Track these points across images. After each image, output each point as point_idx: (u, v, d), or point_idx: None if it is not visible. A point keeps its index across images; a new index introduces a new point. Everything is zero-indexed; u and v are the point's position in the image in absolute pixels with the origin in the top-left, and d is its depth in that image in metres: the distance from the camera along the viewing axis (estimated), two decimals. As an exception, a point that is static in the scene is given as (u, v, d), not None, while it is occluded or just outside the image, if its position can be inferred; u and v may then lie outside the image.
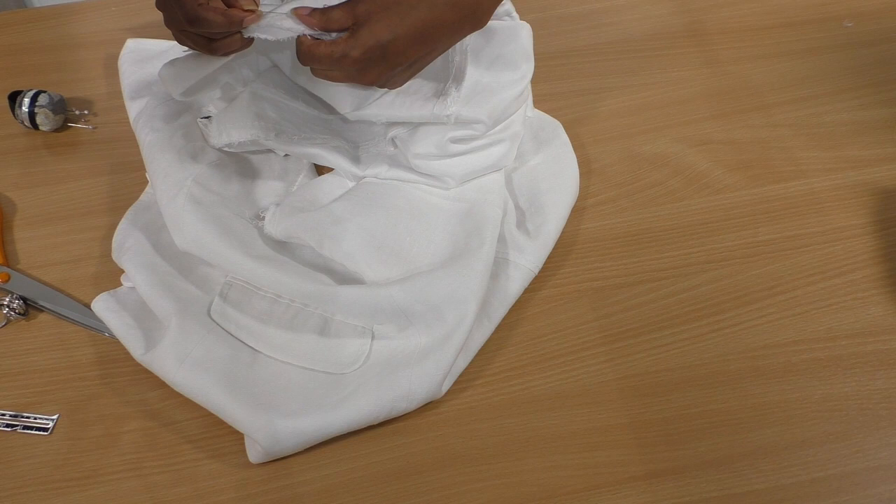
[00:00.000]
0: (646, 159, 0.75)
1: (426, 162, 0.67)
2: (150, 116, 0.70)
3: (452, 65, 0.65)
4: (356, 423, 0.58)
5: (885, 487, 0.56)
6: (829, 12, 0.87)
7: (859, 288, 0.66)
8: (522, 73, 0.68)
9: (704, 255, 0.68)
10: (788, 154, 0.75)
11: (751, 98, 0.79)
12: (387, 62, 0.56)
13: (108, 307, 0.63)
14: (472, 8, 0.57)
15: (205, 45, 0.57)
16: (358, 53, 0.55)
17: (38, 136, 0.78)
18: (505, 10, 0.66)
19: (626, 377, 0.61)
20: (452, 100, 0.64)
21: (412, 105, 0.65)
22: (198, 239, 0.63)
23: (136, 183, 0.73)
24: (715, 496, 0.56)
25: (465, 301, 0.61)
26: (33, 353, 0.64)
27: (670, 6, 0.88)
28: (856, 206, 0.71)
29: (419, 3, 0.55)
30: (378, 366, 0.60)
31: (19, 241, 0.71)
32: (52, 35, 0.87)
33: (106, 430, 0.60)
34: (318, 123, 0.70)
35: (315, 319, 0.62)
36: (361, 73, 0.57)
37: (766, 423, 0.59)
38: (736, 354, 0.62)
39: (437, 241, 0.65)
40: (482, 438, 0.59)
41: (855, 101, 0.79)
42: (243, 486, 0.57)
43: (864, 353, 0.62)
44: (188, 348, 0.59)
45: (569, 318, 0.65)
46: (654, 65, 0.83)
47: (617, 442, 0.58)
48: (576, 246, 0.69)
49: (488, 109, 0.65)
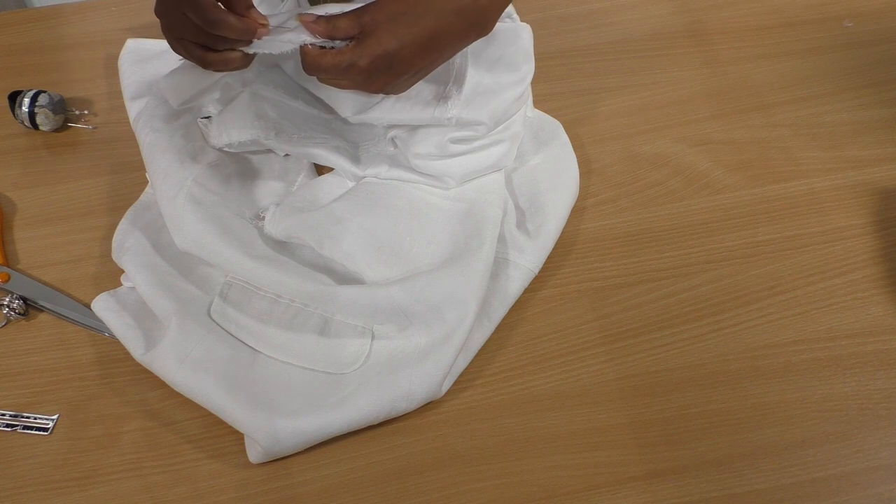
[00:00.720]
0: (646, 159, 0.75)
1: (426, 162, 0.67)
2: (150, 116, 0.70)
3: (453, 67, 0.65)
4: (356, 423, 0.58)
5: (885, 487, 0.56)
6: (829, 12, 0.87)
7: (859, 288, 0.66)
8: (523, 74, 0.68)
9: (704, 255, 0.68)
10: (788, 154, 0.75)
11: (751, 98, 0.79)
12: (393, 70, 0.56)
13: (108, 307, 0.63)
14: (477, 16, 0.57)
15: (200, 58, 0.57)
16: (365, 63, 0.55)
17: (38, 136, 0.78)
18: (506, 11, 0.66)
19: (626, 377, 0.61)
20: (453, 103, 0.64)
21: (413, 109, 0.65)
22: (198, 239, 0.63)
23: (136, 183, 0.73)
24: (715, 496, 0.56)
25: (465, 301, 0.61)
26: (33, 353, 0.64)
27: (670, 6, 0.88)
28: (856, 206, 0.71)
29: (425, 12, 0.55)
30: (378, 366, 0.60)
31: (19, 241, 0.71)
32: (52, 35, 0.87)
33: (106, 430, 0.60)
34: (319, 123, 0.70)
35: (315, 319, 0.62)
36: (368, 81, 0.57)
37: (766, 423, 0.59)
38: (736, 354, 0.62)
39: (437, 241, 0.65)
40: (482, 438, 0.59)
41: (855, 101, 0.79)
42: (243, 486, 0.57)
43: (864, 353, 0.62)
44: (188, 348, 0.59)
45: (569, 318, 0.65)
46: (654, 65, 0.83)
47: (617, 442, 0.58)
48: (576, 246, 0.69)
49: (489, 111, 0.65)
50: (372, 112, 0.65)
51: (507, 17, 0.67)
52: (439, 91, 0.65)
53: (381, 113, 0.65)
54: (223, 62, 0.57)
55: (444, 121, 0.64)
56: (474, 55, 0.65)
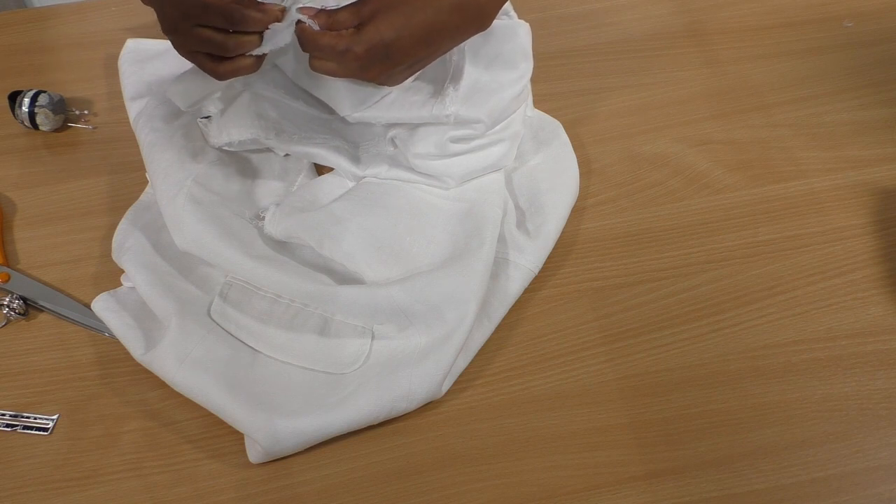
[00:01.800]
0: (646, 159, 0.75)
1: (426, 162, 0.67)
2: (150, 116, 0.70)
3: (450, 64, 0.65)
4: (356, 423, 0.58)
5: (885, 487, 0.56)
6: (829, 12, 0.87)
7: (859, 288, 0.66)
8: (521, 72, 0.68)
9: (704, 255, 0.68)
10: (788, 154, 0.75)
11: (751, 98, 0.79)
12: (389, 60, 0.56)
13: (108, 307, 0.63)
14: (476, 11, 0.58)
15: (212, 70, 0.57)
16: (361, 50, 0.55)
17: (38, 136, 0.78)
18: (503, 9, 0.66)
19: (626, 377, 0.61)
20: (451, 100, 0.64)
21: (412, 106, 0.65)
22: (198, 239, 0.63)
23: (136, 183, 0.73)
24: (715, 496, 0.56)
25: (465, 301, 0.61)
26: (33, 353, 0.64)
27: (670, 6, 0.88)
28: (856, 206, 0.71)
29: (425, 6, 0.56)
30: (378, 366, 0.60)
31: (19, 241, 0.71)
32: (52, 35, 0.88)
33: (106, 430, 0.60)
34: (319, 123, 0.70)
35: (315, 319, 0.62)
36: (363, 69, 0.57)
37: (766, 423, 0.59)
38: (736, 354, 0.62)
39: (437, 241, 0.65)
40: (482, 438, 0.59)
41: (855, 101, 0.79)
42: (243, 486, 0.57)
43: (864, 353, 0.62)
44: (188, 348, 0.59)
45: (569, 318, 0.65)
46: (654, 65, 0.83)
47: (617, 442, 0.58)
48: (576, 246, 0.69)
49: (488, 109, 0.65)
50: (370, 111, 0.65)
51: (504, 15, 0.68)
52: (437, 88, 0.65)
53: (380, 111, 0.65)
54: (235, 70, 0.57)
55: (443, 118, 0.64)
56: (471, 52, 0.65)
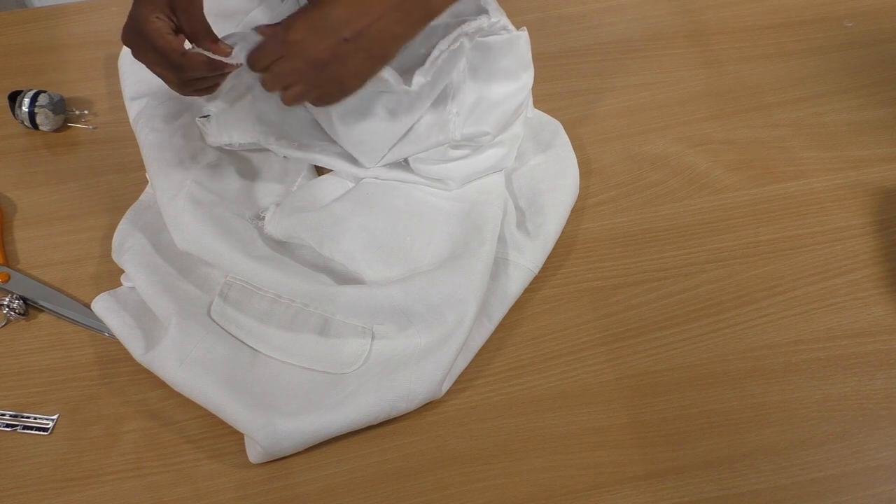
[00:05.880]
0: (646, 159, 0.75)
1: (427, 166, 0.67)
2: (150, 116, 0.70)
3: (450, 87, 0.65)
4: (356, 423, 0.58)
5: (885, 487, 0.56)
6: (829, 12, 0.87)
7: (859, 288, 0.66)
8: (523, 83, 0.68)
9: (704, 255, 0.68)
10: (788, 154, 0.75)
11: (751, 98, 0.79)
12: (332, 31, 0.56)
13: (108, 307, 0.63)
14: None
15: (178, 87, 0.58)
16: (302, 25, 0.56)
17: (38, 136, 0.78)
18: (501, 24, 0.65)
19: (626, 377, 0.61)
20: (454, 125, 0.65)
21: (420, 141, 0.66)
22: (198, 239, 0.63)
23: (136, 183, 0.73)
24: (715, 496, 0.56)
25: (465, 301, 0.61)
26: (33, 353, 0.64)
27: (670, 6, 0.88)
28: (856, 206, 0.71)
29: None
30: (378, 366, 0.60)
31: (19, 241, 0.71)
32: (52, 35, 0.88)
33: (106, 430, 0.60)
34: (319, 128, 0.70)
35: (315, 319, 0.62)
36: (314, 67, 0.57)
37: (766, 423, 0.59)
38: (736, 354, 0.62)
39: (437, 242, 0.65)
40: (482, 438, 0.59)
41: (855, 101, 0.79)
42: (243, 486, 0.57)
43: (864, 353, 0.62)
44: (188, 348, 0.59)
45: (569, 318, 0.65)
46: (654, 65, 0.83)
47: (617, 442, 0.58)
48: (576, 246, 0.69)
49: (492, 122, 0.66)
50: (389, 156, 0.67)
51: (503, 30, 0.67)
52: (440, 118, 0.65)
53: (395, 156, 0.67)
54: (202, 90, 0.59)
55: (452, 141, 0.65)
56: (472, 70, 0.66)
